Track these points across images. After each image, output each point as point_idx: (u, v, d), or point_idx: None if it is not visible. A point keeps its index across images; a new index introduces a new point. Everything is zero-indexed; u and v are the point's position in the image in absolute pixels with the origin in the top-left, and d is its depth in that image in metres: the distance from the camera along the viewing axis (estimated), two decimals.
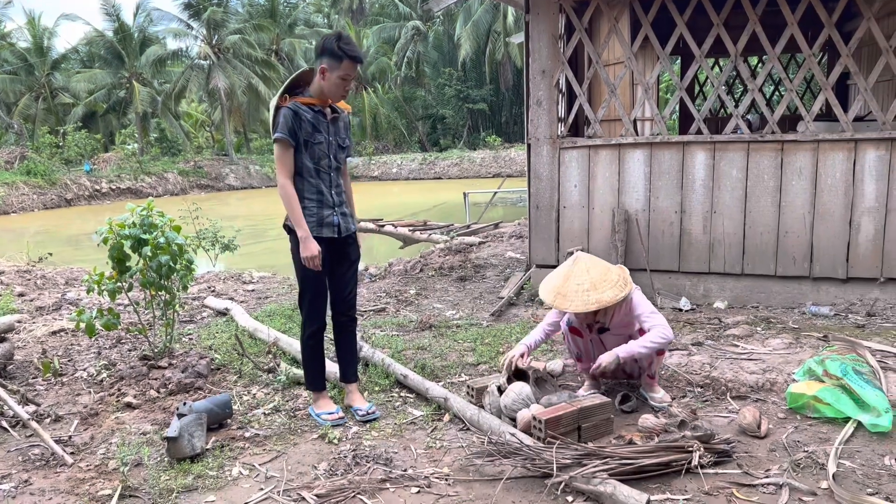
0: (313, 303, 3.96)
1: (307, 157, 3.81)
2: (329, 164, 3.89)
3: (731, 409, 3.95)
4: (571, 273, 3.94)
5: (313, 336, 4.02)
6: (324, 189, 3.87)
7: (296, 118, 3.75)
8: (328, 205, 3.89)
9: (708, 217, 6.11)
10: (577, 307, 3.84)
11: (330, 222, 3.89)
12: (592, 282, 3.87)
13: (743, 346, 4.84)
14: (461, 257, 8.47)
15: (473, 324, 5.84)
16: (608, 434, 3.71)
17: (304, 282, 3.93)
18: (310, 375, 4.12)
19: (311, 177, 3.84)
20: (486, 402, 3.91)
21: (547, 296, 3.97)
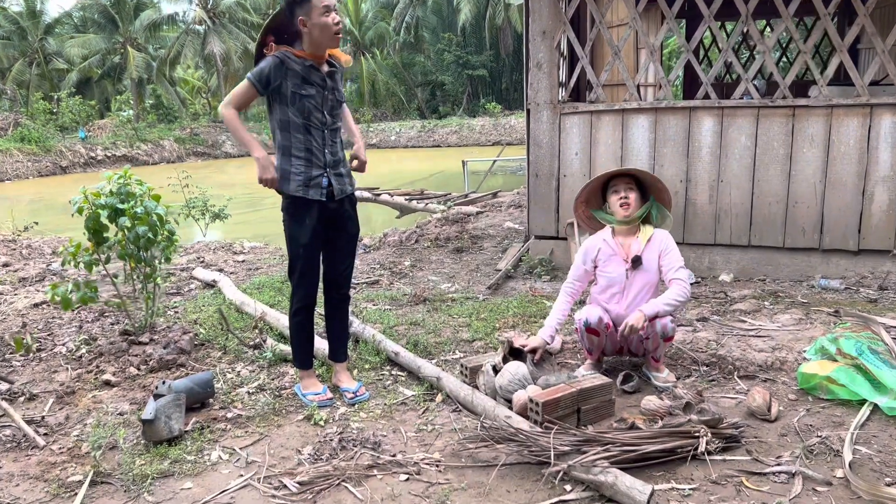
0: (303, 278, 3.70)
1: (294, 111, 3.47)
2: (322, 121, 3.55)
3: (739, 390, 3.75)
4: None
5: (302, 313, 3.79)
6: (314, 147, 3.54)
7: (279, 68, 3.43)
8: (318, 164, 3.56)
9: (714, 186, 5.86)
10: (629, 169, 3.90)
11: (318, 184, 3.56)
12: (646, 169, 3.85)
13: (750, 322, 4.63)
14: (458, 228, 8.23)
15: (469, 297, 5.63)
16: (609, 416, 3.51)
17: (295, 255, 3.67)
18: (297, 353, 3.89)
19: (300, 133, 3.51)
20: (481, 382, 3.70)
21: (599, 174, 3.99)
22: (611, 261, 3.92)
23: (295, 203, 3.58)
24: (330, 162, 3.61)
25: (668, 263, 3.82)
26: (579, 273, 4.01)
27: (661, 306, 3.70)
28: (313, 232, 3.60)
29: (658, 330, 3.73)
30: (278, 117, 3.51)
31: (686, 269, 3.86)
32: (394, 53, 48.86)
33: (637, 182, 3.90)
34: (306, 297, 3.74)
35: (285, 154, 3.54)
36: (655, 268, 3.87)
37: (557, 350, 4.35)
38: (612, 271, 3.92)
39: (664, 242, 3.86)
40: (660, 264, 3.85)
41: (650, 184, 3.93)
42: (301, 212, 3.58)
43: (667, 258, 3.83)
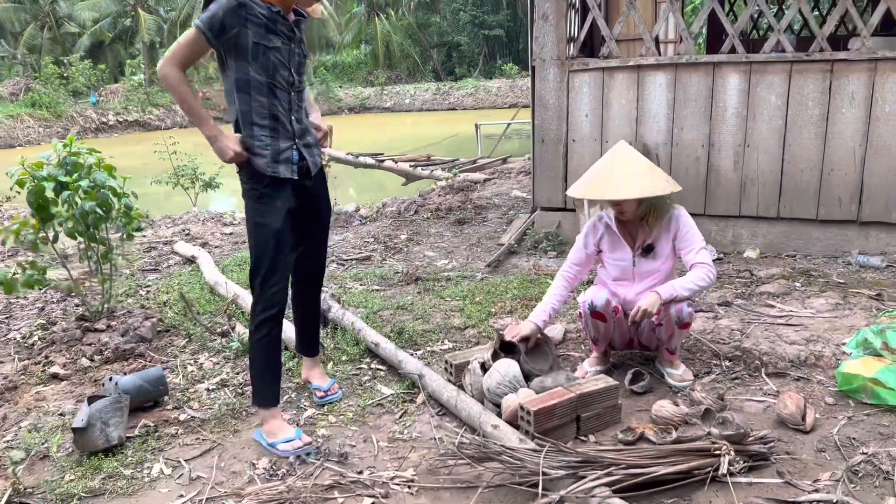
0: (273, 277, 2.94)
1: (257, 68, 2.80)
2: (289, 80, 2.91)
3: (768, 391, 3.23)
4: (612, 163, 3.27)
5: (269, 325, 2.95)
6: (280, 113, 2.89)
7: (237, 12, 2.72)
8: (286, 135, 2.92)
9: (740, 151, 5.27)
10: (623, 192, 3.14)
11: (288, 158, 2.92)
12: (642, 169, 3.23)
13: (780, 308, 4.09)
14: (462, 197, 7.70)
15: (466, 276, 5.12)
16: (615, 424, 3.01)
17: (263, 248, 2.92)
18: (260, 385, 3.02)
19: (262, 95, 2.84)
20: (467, 381, 3.21)
21: (582, 190, 3.31)
22: (616, 247, 3.39)
23: (262, 184, 2.90)
24: (298, 131, 2.97)
25: (687, 244, 3.29)
26: (579, 257, 3.48)
27: (680, 290, 3.17)
28: (287, 218, 2.95)
29: (672, 314, 3.20)
30: (235, 76, 2.82)
31: (708, 247, 3.32)
32: (408, 14, 47.71)
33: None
34: (276, 302, 2.96)
35: (245, 123, 2.86)
36: (669, 252, 3.34)
37: (559, 340, 3.84)
38: (619, 258, 3.39)
39: (678, 222, 3.31)
40: (675, 247, 3.31)
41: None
42: (271, 194, 2.91)
43: (684, 239, 3.29)
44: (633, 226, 3.37)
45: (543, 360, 3.38)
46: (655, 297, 3.13)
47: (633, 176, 3.18)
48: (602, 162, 3.34)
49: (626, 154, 3.29)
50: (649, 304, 3.12)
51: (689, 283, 3.19)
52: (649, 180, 3.19)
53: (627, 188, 3.14)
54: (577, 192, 3.32)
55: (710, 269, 3.22)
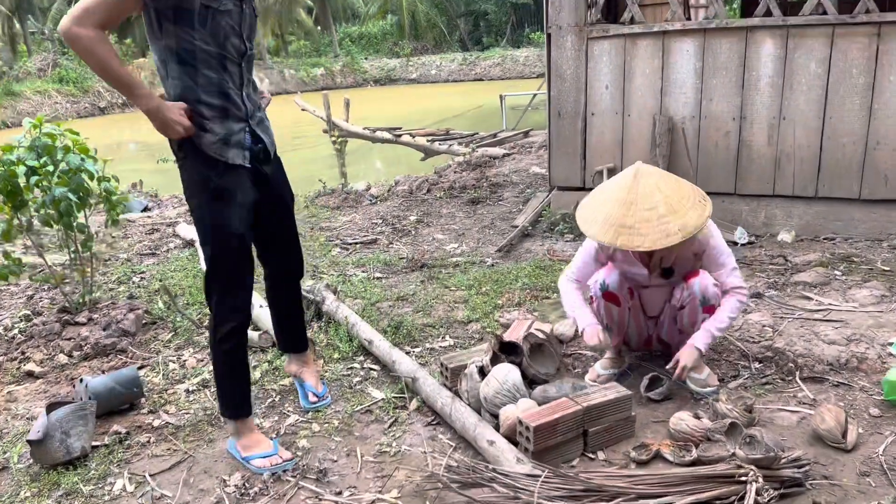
0: (233, 284, 2.57)
1: (205, 36, 2.33)
2: (240, 49, 2.45)
3: (803, 399, 2.86)
4: (636, 194, 2.70)
5: (233, 338, 2.62)
6: (230, 90, 2.44)
7: None
8: (237, 115, 2.48)
9: (775, 125, 4.83)
10: (655, 241, 2.64)
11: (239, 142, 2.49)
12: (669, 202, 2.68)
13: (818, 300, 3.69)
14: (477, 174, 7.33)
15: (475, 262, 4.78)
16: (627, 439, 2.68)
17: (219, 250, 2.51)
18: (227, 396, 2.72)
19: (211, 69, 2.38)
20: (464, 387, 2.89)
21: (603, 233, 2.71)
22: (629, 262, 3.02)
23: (216, 173, 2.46)
24: (249, 110, 2.53)
25: (716, 267, 2.92)
26: (588, 271, 3.07)
27: (717, 332, 2.89)
28: (245, 213, 2.53)
29: (696, 292, 2.86)
30: (175, 45, 2.33)
31: (736, 268, 2.95)
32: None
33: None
34: (237, 312, 2.60)
35: (188, 103, 2.39)
36: (691, 266, 2.96)
37: (570, 337, 3.50)
38: (633, 272, 3.02)
39: (705, 239, 2.90)
40: (702, 266, 2.95)
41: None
42: (228, 188, 2.48)
43: (712, 260, 2.92)
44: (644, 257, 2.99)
45: (549, 362, 3.05)
46: (694, 351, 2.85)
47: (658, 218, 2.66)
48: (618, 190, 2.77)
49: (651, 181, 2.73)
50: (688, 357, 2.84)
51: (724, 319, 2.89)
52: (679, 220, 2.66)
53: (660, 232, 2.64)
54: (598, 234, 2.75)
55: (743, 295, 2.92)
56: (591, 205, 2.86)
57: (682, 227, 2.67)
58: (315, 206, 6.79)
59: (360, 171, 12.44)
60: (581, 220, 2.85)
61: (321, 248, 5.31)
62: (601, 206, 2.79)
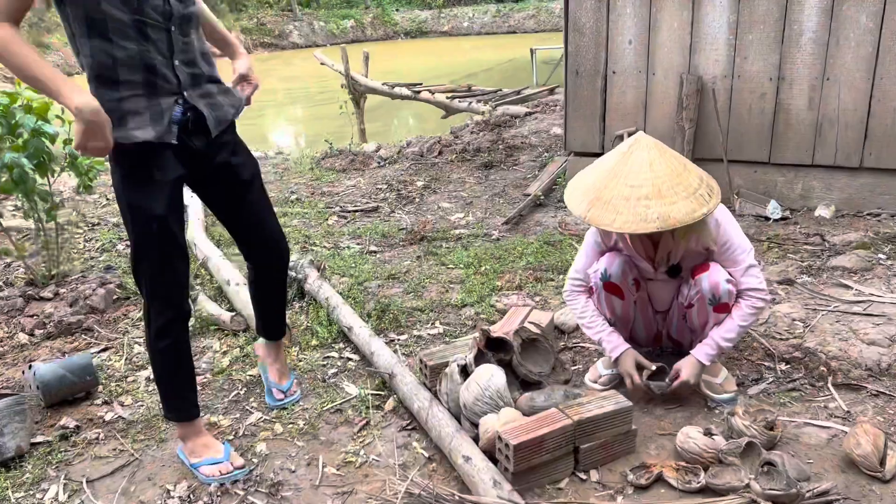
0: (162, 276, 2.22)
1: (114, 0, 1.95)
2: (164, 11, 2.04)
3: (835, 411, 2.47)
4: (624, 167, 2.33)
5: (170, 334, 2.28)
6: (155, 59, 2.05)
7: None
8: (166, 89, 2.09)
9: (817, 86, 4.32)
10: (626, 223, 2.26)
11: (167, 119, 2.09)
12: (657, 185, 2.28)
13: (857, 290, 3.26)
14: (494, 135, 6.89)
15: (479, 235, 4.41)
16: (626, 455, 2.33)
17: (141, 238, 2.17)
18: (170, 397, 2.41)
19: (127, 39, 1.99)
20: (444, 388, 2.55)
21: (577, 203, 2.37)
22: (633, 257, 2.62)
23: (132, 153, 2.08)
24: (186, 81, 2.14)
25: (727, 261, 2.50)
26: (587, 268, 2.66)
27: (724, 343, 2.48)
28: (166, 193, 2.15)
29: (705, 290, 2.45)
30: (82, 13, 1.95)
31: (755, 265, 2.50)
32: None
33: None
34: (170, 305, 2.26)
35: (107, 80, 2.00)
36: (701, 261, 2.55)
37: (570, 328, 3.13)
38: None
39: (717, 230, 2.48)
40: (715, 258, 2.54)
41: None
42: (144, 166, 2.11)
43: (725, 255, 2.50)
44: (654, 235, 2.55)
45: (543, 360, 2.69)
46: (695, 364, 2.48)
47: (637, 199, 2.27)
48: (609, 160, 2.39)
49: (643, 155, 2.33)
50: (690, 373, 2.48)
51: (735, 328, 2.47)
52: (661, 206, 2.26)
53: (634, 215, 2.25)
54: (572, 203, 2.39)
55: (759, 299, 2.47)
56: (581, 173, 2.49)
57: (662, 216, 2.24)
58: (320, 168, 6.44)
59: (378, 129, 12.01)
60: (568, 189, 2.47)
61: (318, 216, 4.97)
62: (587, 175, 2.44)
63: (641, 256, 2.56)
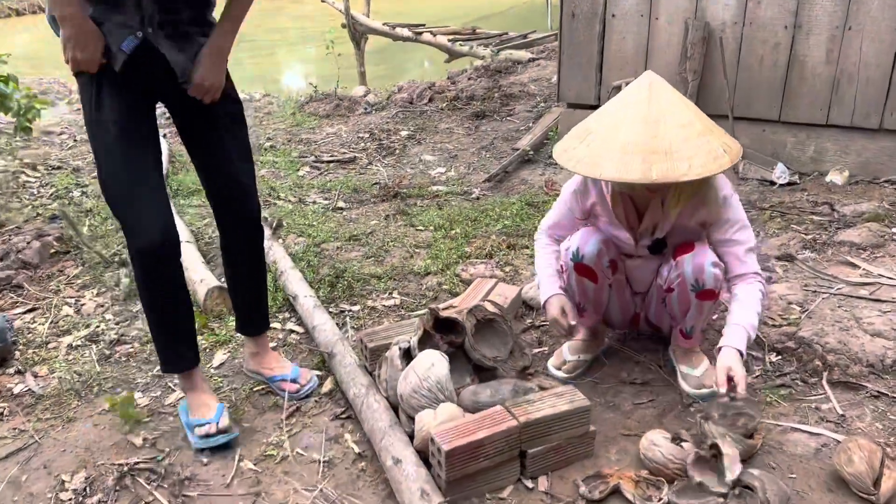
0: (127, 193, 1.97)
1: None
2: None
3: (827, 415, 2.16)
4: (659, 109, 1.95)
5: (147, 260, 2.00)
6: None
7: None
8: (125, 12, 1.88)
9: (837, 37, 3.89)
10: (705, 165, 1.90)
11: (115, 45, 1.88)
12: (702, 118, 2.01)
13: (864, 269, 2.91)
14: (491, 83, 6.46)
15: (458, 192, 4.06)
16: (583, 459, 2.03)
17: (98, 157, 1.98)
18: (162, 344, 2.19)
19: None
20: (384, 374, 2.25)
21: (625, 166, 1.91)
22: (610, 222, 2.26)
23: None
24: (150, 10, 1.89)
25: (727, 240, 2.17)
26: (566, 225, 2.34)
27: (752, 330, 2.10)
28: (137, 106, 1.98)
29: (687, 274, 2.12)
30: None
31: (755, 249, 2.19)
32: None
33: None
34: (147, 225, 1.97)
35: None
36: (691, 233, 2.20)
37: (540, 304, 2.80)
38: (617, 237, 2.27)
39: (716, 207, 2.13)
40: (707, 235, 2.20)
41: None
42: (100, 80, 1.93)
43: (721, 230, 2.16)
44: (640, 201, 2.21)
45: (500, 342, 2.37)
46: (734, 355, 2.05)
47: (704, 128, 1.96)
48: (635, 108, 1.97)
49: (671, 93, 2.00)
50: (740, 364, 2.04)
51: (756, 317, 2.12)
52: (721, 132, 2.01)
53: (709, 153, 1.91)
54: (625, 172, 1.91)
55: (761, 281, 2.16)
56: (590, 136, 2.03)
57: (727, 147, 1.96)
58: (303, 113, 6.06)
59: (382, 73, 11.52)
60: (579, 160, 2.00)
61: (289, 166, 4.63)
62: (610, 133, 1.98)
63: (623, 226, 2.21)
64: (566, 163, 2.03)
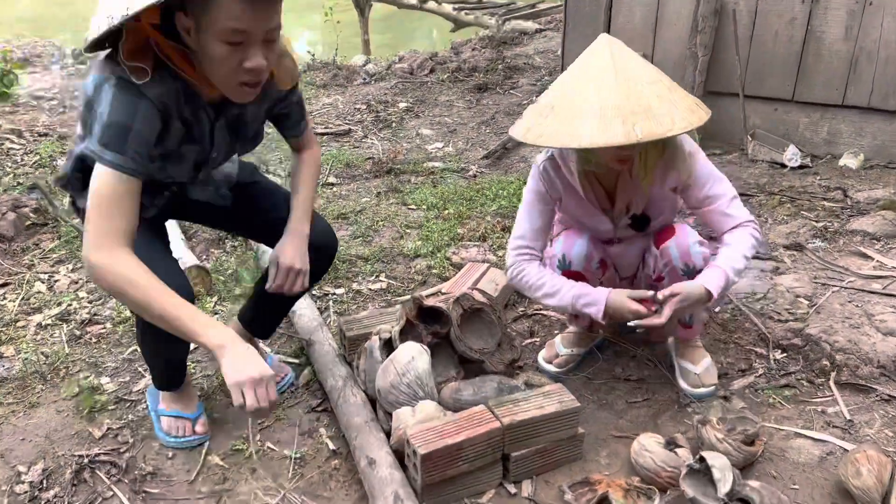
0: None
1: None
2: (192, 177, 1.82)
3: (833, 419, 2.03)
4: (626, 68, 1.79)
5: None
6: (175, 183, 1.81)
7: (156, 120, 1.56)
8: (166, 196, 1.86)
9: (857, 12, 3.69)
10: (687, 119, 1.74)
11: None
12: (665, 77, 1.85)
13: (878, 261, 2.75)
14: (494, 54, 6.25)
15: (454, 170, 3.91)
16: (571, 462, 1.90)
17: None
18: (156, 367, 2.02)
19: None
20: (362, 365, 2.12)
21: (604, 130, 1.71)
22: (583, 210, 2.10)
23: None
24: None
25: (705, 197, 1.99)
26: (540, 229, 2.11)
27: (731, 275, 1.90)
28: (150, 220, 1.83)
29: (675, 260, 1.98)
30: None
31: (737, 196, 2.01)
32: None
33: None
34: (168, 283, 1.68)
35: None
36: (670, 208, 2.06)
37: None
38: (592, 224, 2.11)
39: (686, 166, 1.97)
40: (686, 199, 2.04)
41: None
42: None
43: (696, 187, 1.98)
44: (608, 179, 2.04)
45: (488, 332, 2.23)
46: (702, 293, 1.87)
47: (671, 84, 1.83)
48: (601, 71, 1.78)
49: (631, 52, 1.86)
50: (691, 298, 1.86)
51: (741, 260, 1.93)
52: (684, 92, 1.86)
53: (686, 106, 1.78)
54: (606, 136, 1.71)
55: (754, 227, 1.98)
56: (554, 108, 1.84)
57: (698, 102, 1.85)
58: (299, 82, 5.87)
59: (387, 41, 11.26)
60: (551, 135, 1.80)
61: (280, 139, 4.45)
62: (580, 101, 1.78)
63: (596, 209, 2.05)
64: (535, 140, 1.83)
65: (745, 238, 1.94)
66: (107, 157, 1.50)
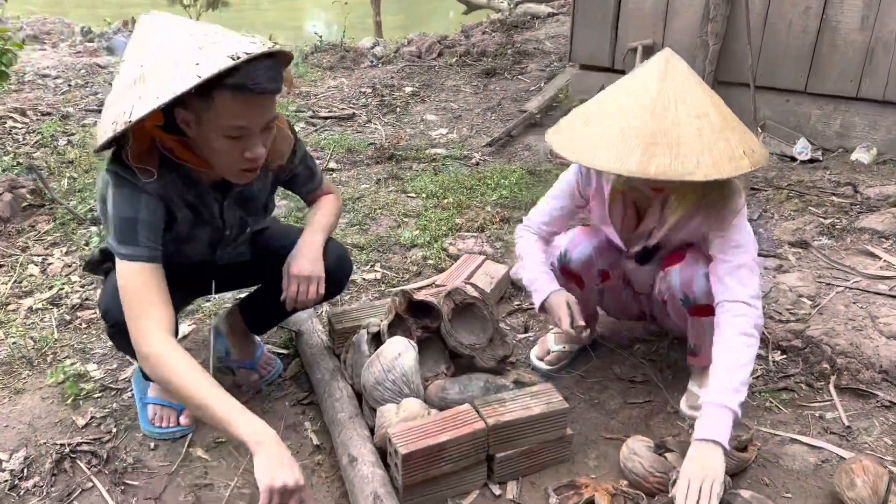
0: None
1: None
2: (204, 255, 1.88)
3: (831, 425, 1.97)
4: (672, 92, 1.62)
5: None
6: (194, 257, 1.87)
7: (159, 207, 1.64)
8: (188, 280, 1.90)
9: (874, 2, 3.59)
10: (717, 166, 1.56)
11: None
12: (721, 111, 1.65)
13: (886, 261, 2.68)
14: (504, 38, 6.15)
15: (457, 157, 3.84)
16: (558, 464, 1.86)
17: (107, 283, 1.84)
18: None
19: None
20: (349, 359, 2.08)
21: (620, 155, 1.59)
22: (602, 220, 2.01)
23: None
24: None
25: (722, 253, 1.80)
26: (557, 215, 2.06)
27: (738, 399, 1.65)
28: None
29: (675, 287, 1.88)
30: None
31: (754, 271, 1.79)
32: None
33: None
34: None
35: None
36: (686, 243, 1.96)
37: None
38: (610, 235, 2.03)
39: (724, 224, 1.80)
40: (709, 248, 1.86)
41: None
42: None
43: (722, 244, 1.80)
44: (642, 202, 1.93)
45: (479, 328, 2.18)
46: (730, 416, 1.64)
47: (722, 123, 1.61)
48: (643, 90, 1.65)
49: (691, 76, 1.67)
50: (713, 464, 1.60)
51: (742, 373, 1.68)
52: (743, 130, 1.67)
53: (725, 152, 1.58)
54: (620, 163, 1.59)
55: (758, 316, 1.74)
56: (588, 118, 1.73)
57: (749, 150, 1.60)
58: (306, 64, 5.81)
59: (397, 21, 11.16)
60: (572, 145, 1.70)
61: None
62: (611, 117, 1.66)
63: (616, 230, 1.97)
64: (559, 148, 1.72)
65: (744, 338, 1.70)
66: (123, 252, 1.59)
